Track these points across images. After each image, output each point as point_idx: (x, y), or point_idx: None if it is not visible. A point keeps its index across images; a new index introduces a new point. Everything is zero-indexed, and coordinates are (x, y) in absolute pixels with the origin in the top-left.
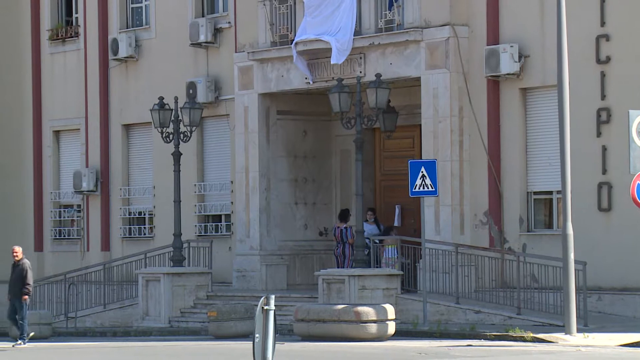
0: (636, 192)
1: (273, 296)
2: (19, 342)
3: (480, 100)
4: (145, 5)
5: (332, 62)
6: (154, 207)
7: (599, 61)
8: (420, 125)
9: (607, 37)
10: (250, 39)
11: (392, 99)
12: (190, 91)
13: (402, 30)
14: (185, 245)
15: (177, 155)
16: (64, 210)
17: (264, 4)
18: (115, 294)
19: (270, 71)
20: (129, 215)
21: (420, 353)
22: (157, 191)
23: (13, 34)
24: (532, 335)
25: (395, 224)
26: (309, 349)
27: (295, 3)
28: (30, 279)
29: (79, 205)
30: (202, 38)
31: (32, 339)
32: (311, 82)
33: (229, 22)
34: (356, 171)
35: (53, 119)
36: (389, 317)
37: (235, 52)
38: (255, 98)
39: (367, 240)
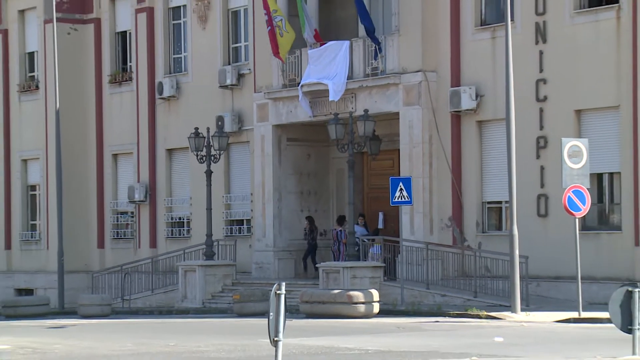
0: (567, 201)
1: (284, 283)
2: None
3: (446, 130)
4: (184, 55)
5: (330, 100)
6: (191, 213)
7: (538, 99)
8: (399, 149)
9: (544, 81)
10: (266, 82)
11: (376, 129)
12: (219, 123)
13: (384, 75)
14: (215, 243)
15: (208, 173)
16: (121, 216)
17: None
18: (160, 281)
19: (281, 107)
20: (171, 219)
21: (399, 327)
22: (193, 201)
23: (80, 79)
24: (485, 313)
25: (380, 226)
26: (312, 324)
27: (301, 54)
28: None
29: (132, 212)
30: (228, 81)
31: (95, 316)
32: (312, 117)
33: (250, 69)
34: (349, 185)
35: (112, 144)
36: (374, 300)
37: (254, 92)
38: (269, 128)
39: (357, 240)
